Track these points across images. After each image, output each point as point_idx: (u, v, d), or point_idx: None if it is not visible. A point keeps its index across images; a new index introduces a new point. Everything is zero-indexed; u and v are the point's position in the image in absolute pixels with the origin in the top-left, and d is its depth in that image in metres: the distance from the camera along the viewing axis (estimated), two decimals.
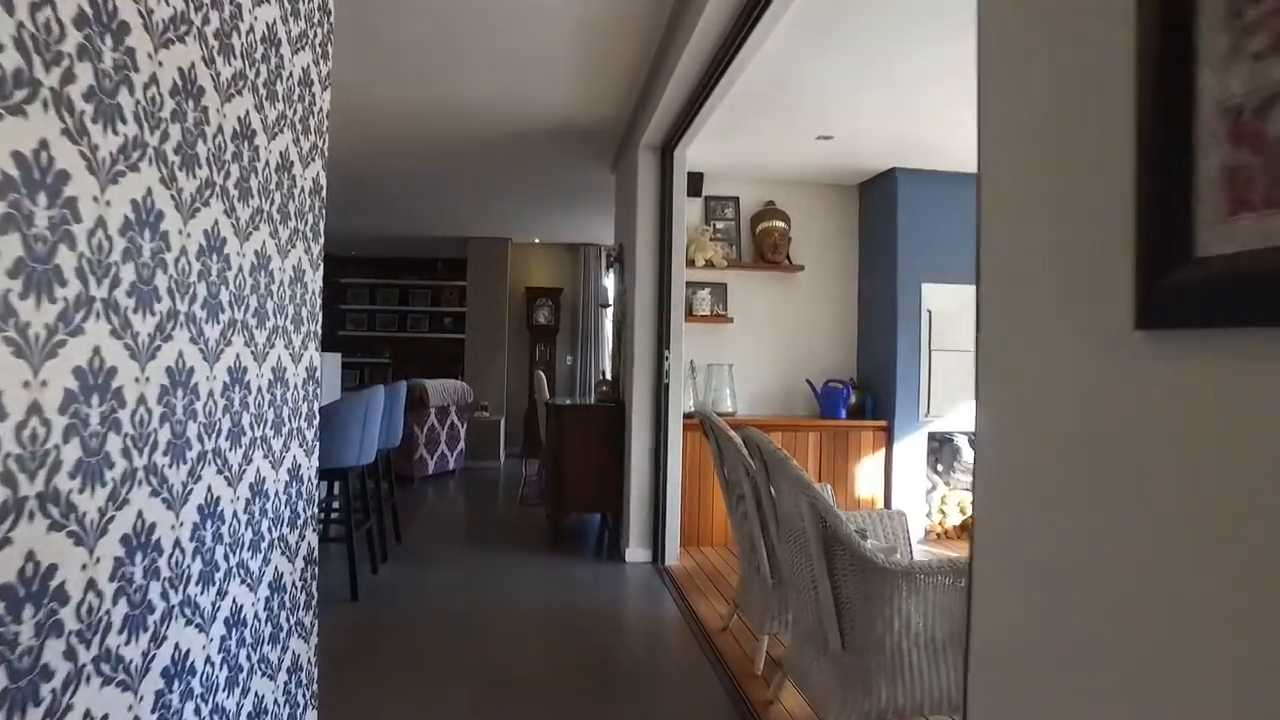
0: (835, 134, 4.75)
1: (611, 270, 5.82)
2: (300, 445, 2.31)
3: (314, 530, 2.45)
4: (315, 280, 2.46)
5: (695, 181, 5.61)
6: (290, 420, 2.17)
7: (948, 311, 5.53)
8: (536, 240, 9.96)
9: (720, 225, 5.91)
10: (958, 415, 5.53)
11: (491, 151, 5.73)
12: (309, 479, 2.40)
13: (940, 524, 5.58)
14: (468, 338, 9.64)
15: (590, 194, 7.17)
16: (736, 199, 5.96)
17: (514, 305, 9.96)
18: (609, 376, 5.85)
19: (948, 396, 5.52)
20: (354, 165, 6.15)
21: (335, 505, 4.63)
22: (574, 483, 5.07)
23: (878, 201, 5.75)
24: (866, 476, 5.54)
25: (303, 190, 2.22)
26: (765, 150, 5.20)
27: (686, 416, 5.02)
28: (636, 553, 4.84)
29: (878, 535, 3.07)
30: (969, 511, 5.56)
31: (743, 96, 4.08)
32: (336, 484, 4.36)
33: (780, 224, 5.83)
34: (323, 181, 2.49)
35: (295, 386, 2.23)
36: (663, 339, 4.78)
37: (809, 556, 2.42)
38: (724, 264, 5.68)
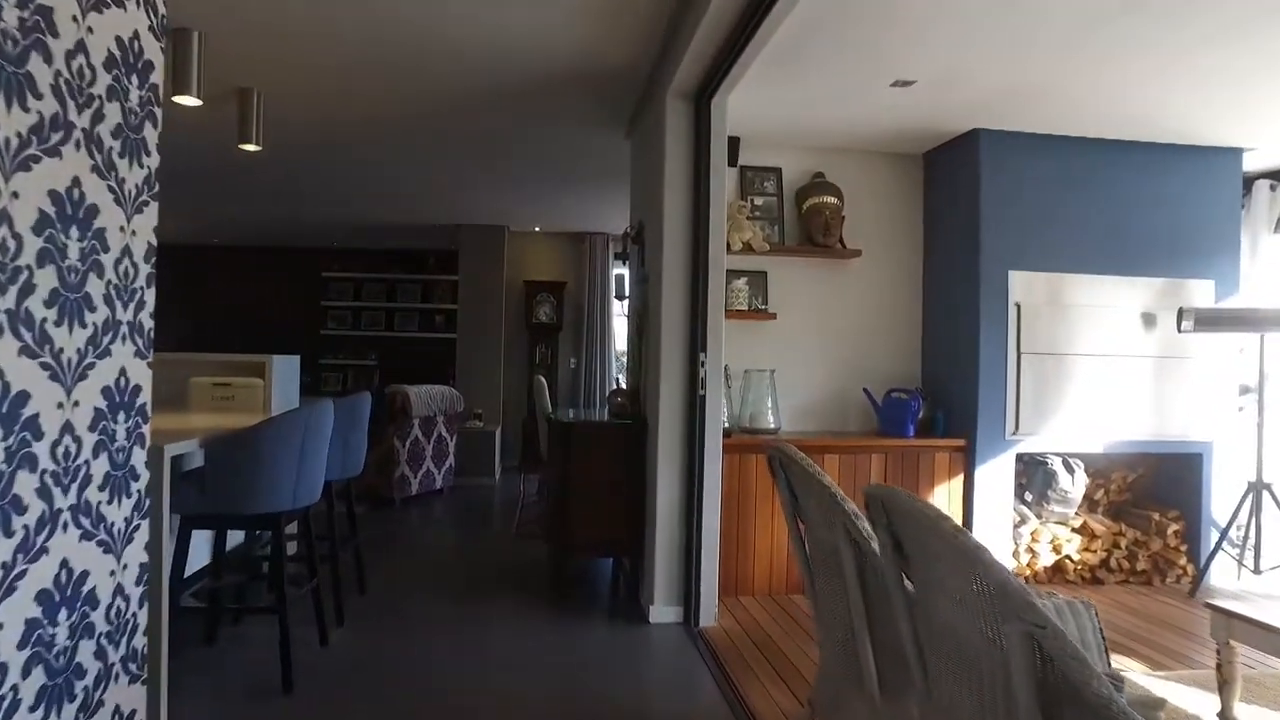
0: (919, 77, 3.72)
1: (628, 255, 4.79)
2: (91, 537, 1.29)
3: (136, 678, 1.42)
4: (136, 233, 1.43)
5: (730, 148, 4.58)
6: (53, 494, 1.14)
7: (1041, 305, 4.51)
8: (536, 229, 8.94)
9: (759, 201, 4.89)
10: (1053, 433, 4.51)
11: (478, 112, 4.71)
12: (121, 591, 1.36)
13: (1030, 565, 4.56)
14: (459, 338, 8.62)
15: (599, 169, 6.14)
16: (778, 170, 4.94)
17: (511, 301, 8.94)
18: (623, 385, 4.82)
19: (1041, 410, 4.49)
20: (314, 132, 5.13)
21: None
22: (582, 519, 4.05)
23: (951, 171, 4.73)
24: (940, 508, 4.51)
25: (79, 49, 1.20)
26: (819, 105, 4.18)
27: (724, 435, 3.99)
28: (663, 611, 3.81)
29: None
30: (1064, 550, 4.55)
31: (807, 20, 3.07)
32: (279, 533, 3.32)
33: (832, 200, 4.81)
34: (144, 49, 1.48)
35: (67, 429, 1.21)
36: (697, 339, 3.76)
37: (1003, 705, 1.40)
38: (765, 247, 4.65)
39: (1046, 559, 4.55)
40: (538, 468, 7.34)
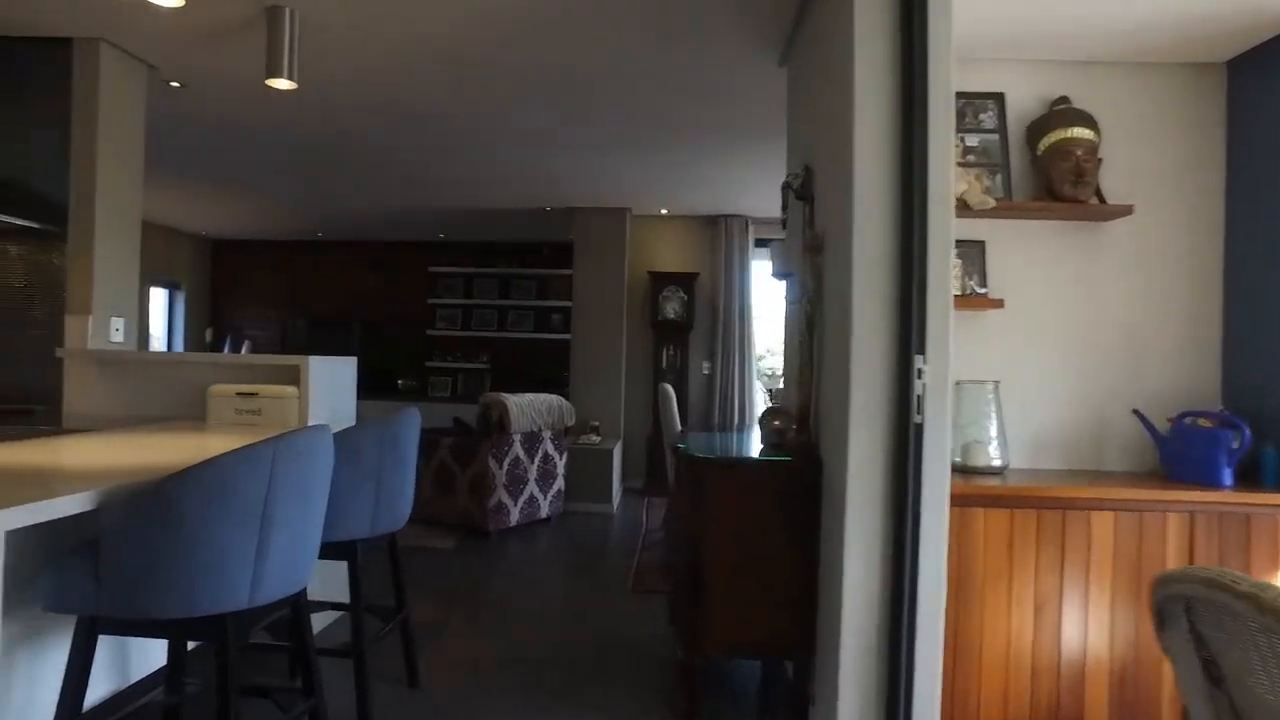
0: None
1: (785, 217, 3.43)
2: None
3: None
4: None
5: None
6: None
7: None
8: (663, 211, 7.70)
9: (973, 142, 3.43)
10: None
11: (580, 39, 3.51)
12: None
13: None
14: (574, 338, 7.50)
15: (741, 123, 4.83)
16: (999, 97, 3.45)
17: (635, 296, 7.74)
18: (775, 402, 3.48)
19: None
20: (375, 79, 4.08)
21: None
22: (725, 602, 2.74)
23: None
24: None
25: None
26: None
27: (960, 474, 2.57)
28: None
29: None
30: None
31: None
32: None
33: (1085, 133, 3.28)
34: None
35: None
36: (911, 338, 2.37)
37: None
38: (988, 203, 3.18)
39: None
40: (663, 489, 6.12)
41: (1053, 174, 3.29)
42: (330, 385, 3.48)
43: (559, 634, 3.72)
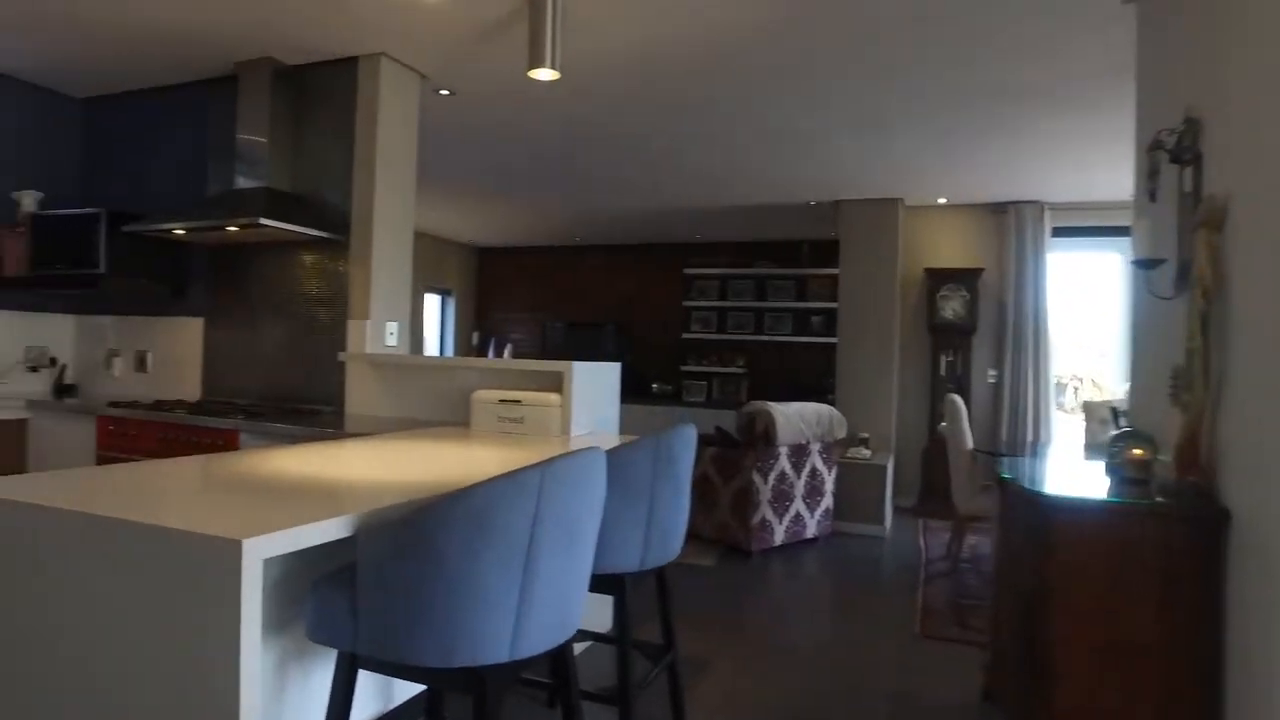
0: None
1: (1151, 186, 2.64)
2: None
3: None
4: None
5: None
6: None
7: None
8: (941, 200, 6.88)
9: None
10: None
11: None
12: None
13: None
14: (840, 342, 6.91)
15: (1046, 93, 4.04)
16: None
17: (908, 296, 7.00)
18: (1125, 423, 2.73)
19: None
20: (660, 78, 3.82)
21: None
22: (1075, 687, 2.10)
23: None
24: None
25: None
26: None
27: None
28: None
29: None
30: None
31: None
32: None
33: None
34: None
35: None
36: None
37: None
38: None
39: None
40: (947, 512, 5.40)
41: None
42: (593, 392, 3.26)
43: (838, 681, 3.22)
